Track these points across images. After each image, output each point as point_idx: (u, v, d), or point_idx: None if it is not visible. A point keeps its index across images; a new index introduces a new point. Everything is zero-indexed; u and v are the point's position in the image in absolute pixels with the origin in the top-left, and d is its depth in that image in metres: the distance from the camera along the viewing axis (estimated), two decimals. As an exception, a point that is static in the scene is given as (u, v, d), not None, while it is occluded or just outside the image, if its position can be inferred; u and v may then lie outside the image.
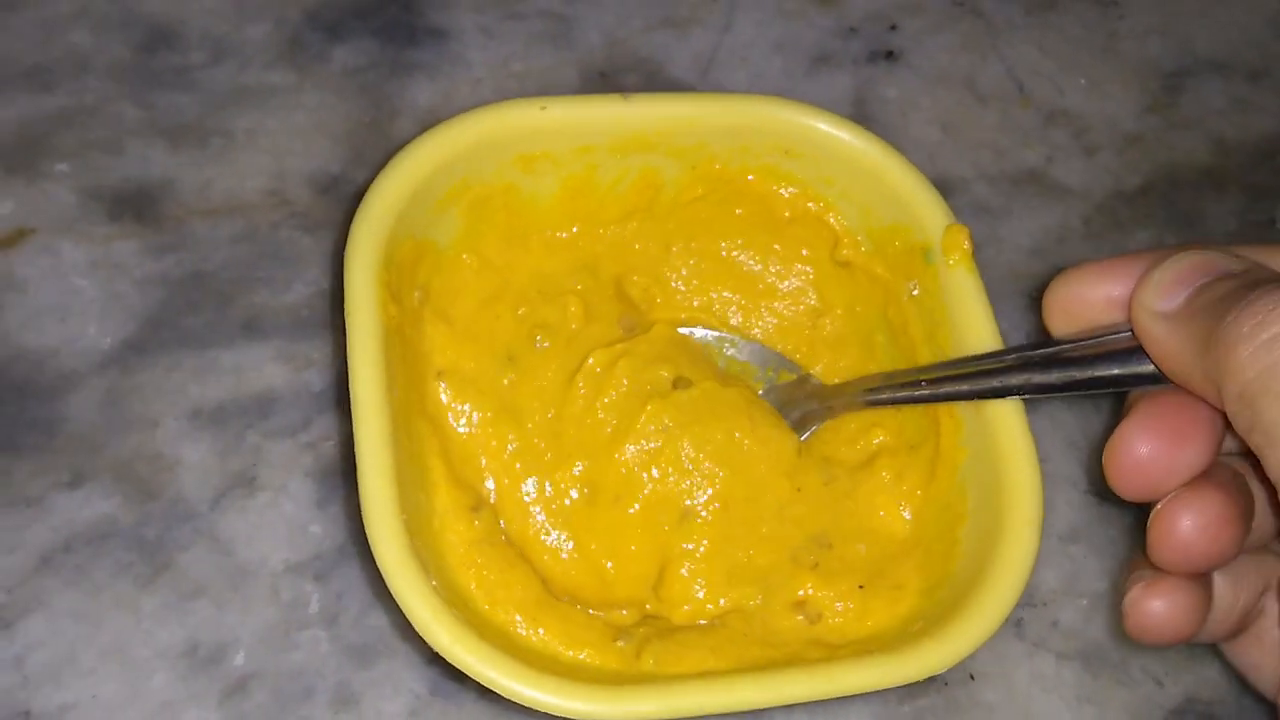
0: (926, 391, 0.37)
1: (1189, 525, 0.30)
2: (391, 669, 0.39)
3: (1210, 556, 0.31)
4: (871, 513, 0.40)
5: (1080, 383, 0.33)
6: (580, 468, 0.40)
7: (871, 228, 0.41)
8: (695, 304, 0.44)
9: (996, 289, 0.40)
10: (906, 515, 0.40)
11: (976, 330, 0.38)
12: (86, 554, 0.40)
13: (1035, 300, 0.40)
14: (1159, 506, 0.31)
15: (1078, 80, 0.53)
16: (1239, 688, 0.41)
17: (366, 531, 0.33)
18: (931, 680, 0.40)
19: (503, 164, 0.40)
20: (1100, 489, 0.44)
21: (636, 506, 0.40)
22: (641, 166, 0.41)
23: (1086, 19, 0.55)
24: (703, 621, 0.38)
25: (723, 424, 0.40)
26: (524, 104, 0.40)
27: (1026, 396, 0.35)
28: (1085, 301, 0.34)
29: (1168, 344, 0.30)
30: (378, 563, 0.33)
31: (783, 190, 0.42)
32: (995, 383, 0.35)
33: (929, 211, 0.40)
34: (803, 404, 0.41)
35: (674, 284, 0.44)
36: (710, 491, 0.40)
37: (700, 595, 0.39)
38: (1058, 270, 0.47)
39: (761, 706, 0.33)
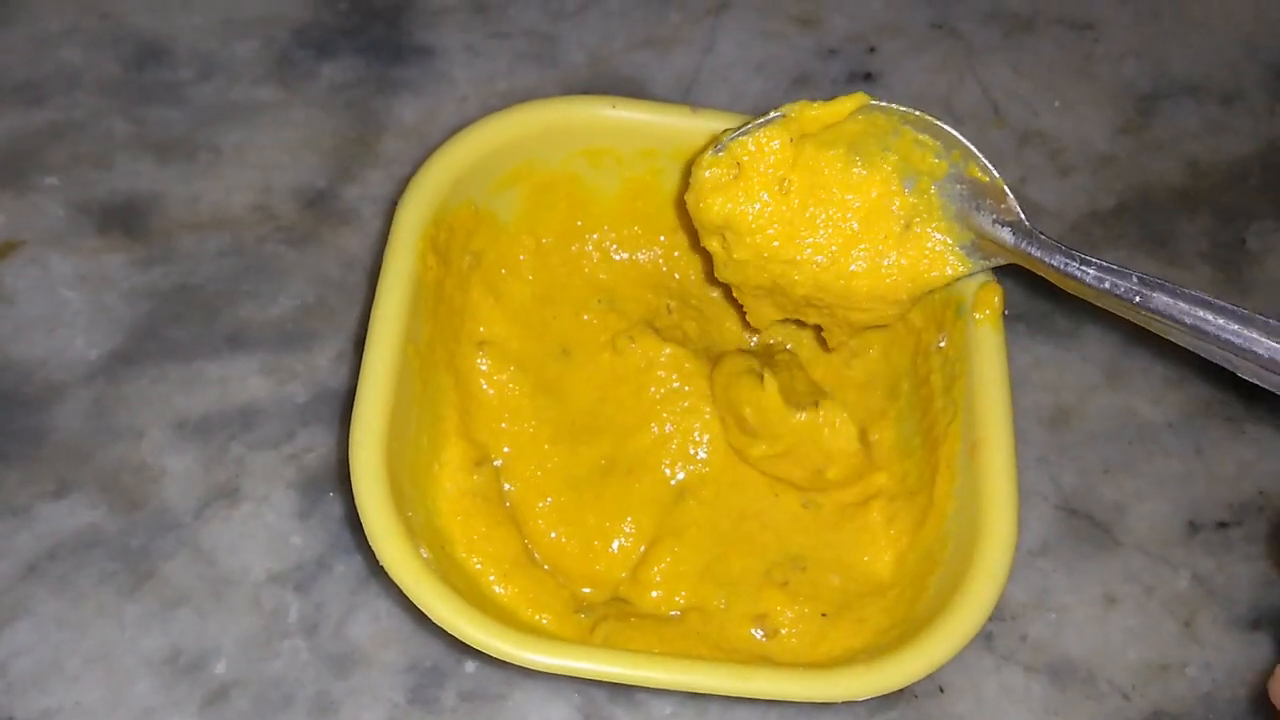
0: (1138, 303, 0.34)
1: None
2: (369, 678, 0.40)
3: None
4: (854, 548, 0.40)
5: None
6: (608, 442, 0.41)
7: None
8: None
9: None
10: (890, 559, 0.40)
11: (990, 388, 0.38)
12: (71, 562, 0.40)
13: (1011, 318, 0.41)
14: None
15: (1052, 102, 0.54)
16: (1206, 701, 0.42)
17: (349, 444, 0.34)
18: (901, 692, 0.41)
19: (569, 154, 0.42)
20: (1070, 505, 0.45)
21: (647, 480, 0.41)
22: None
23: (1063, 42, 0.55)
24: (666, 611, 0.39)
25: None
26: (595, 99, 0.41)
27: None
28: None
29: None
30: (351, 469, 0.34)
31: None
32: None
33: None
34: (983, 212, 0.38)
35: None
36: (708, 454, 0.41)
37: (672, 583, 0.39)
38: (1029, 289, 0.48)
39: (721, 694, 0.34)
